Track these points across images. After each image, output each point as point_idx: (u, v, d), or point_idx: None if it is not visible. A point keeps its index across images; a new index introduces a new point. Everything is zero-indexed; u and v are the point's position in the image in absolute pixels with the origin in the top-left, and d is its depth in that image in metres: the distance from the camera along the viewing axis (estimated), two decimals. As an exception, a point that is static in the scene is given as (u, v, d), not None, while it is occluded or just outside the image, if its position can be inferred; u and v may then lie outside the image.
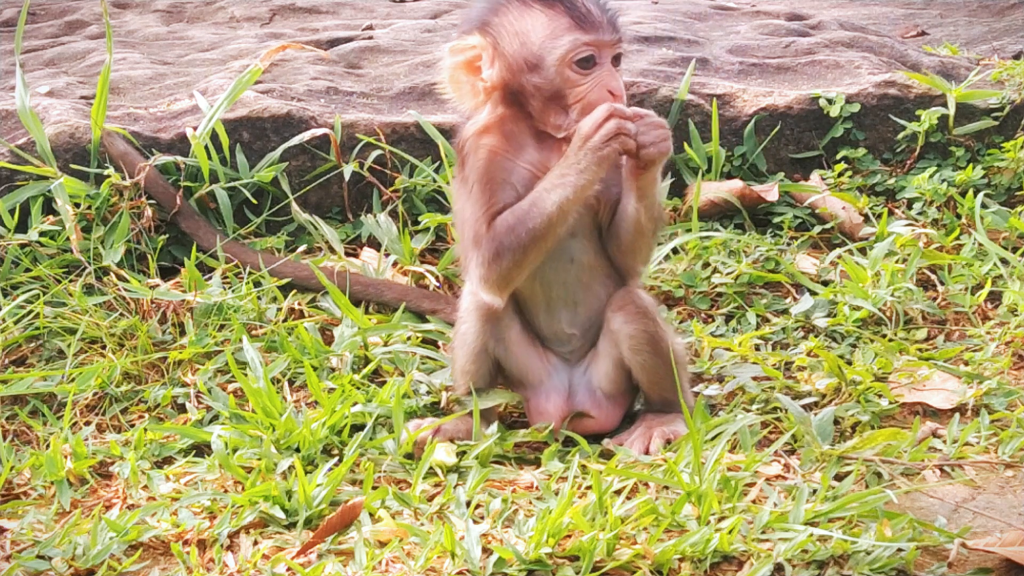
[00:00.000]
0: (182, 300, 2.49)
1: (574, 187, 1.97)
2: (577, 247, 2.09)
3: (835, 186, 2.92)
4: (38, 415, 2.28)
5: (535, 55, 2.00)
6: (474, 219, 2.04)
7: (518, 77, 2.02)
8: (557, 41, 1.99)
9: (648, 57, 3.36)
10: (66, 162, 2.75)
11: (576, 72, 2.00)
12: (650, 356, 2.08)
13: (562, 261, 2.09)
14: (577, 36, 1.98)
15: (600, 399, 2.14)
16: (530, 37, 2.01)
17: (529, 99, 2.03)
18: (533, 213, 1.99)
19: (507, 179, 2.03)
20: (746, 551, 1.72)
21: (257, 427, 2.12)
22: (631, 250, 2.11)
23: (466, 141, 2.07)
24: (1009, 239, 2.75)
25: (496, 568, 1.70)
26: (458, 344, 2.14)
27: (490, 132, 2.05)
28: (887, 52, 3.49)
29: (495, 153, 2.04)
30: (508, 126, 2.05)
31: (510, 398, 2.15)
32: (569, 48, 1.99)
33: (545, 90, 2.01)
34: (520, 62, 2.01)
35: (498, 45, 2.02)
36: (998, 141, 3.00)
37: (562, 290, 2.11)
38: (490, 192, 2.02)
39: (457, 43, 2.06)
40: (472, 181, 2.04)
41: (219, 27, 4.13)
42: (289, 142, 2.85)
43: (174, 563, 1.81)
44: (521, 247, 1.99)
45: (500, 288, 2.04)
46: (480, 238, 2.02)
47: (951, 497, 1.89)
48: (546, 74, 2.00)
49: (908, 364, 2.30)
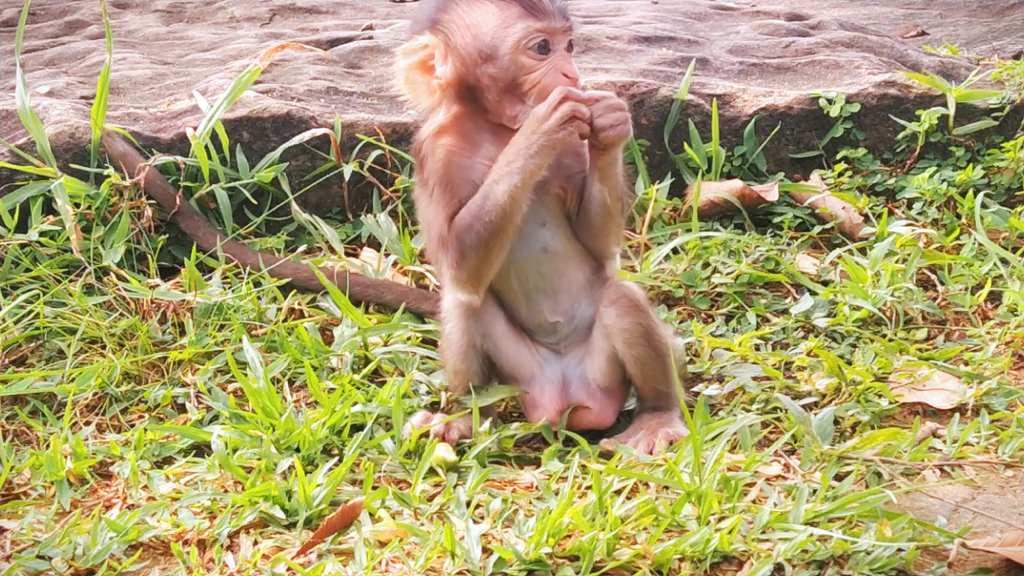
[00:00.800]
0: (182, 300, 2.49)
1: (522, 172, 1.97)
2: (548, 236, 2.10)
3: (835, 186, 2.92)
4: (38, 415, 2.28)
5: (488, 45, 2.01)
6: (438, 222, 2.05)
7: (472, 70, 2.02)
8: (509, 29, 2.00)
9: (648, 57, 3.36)
10: (66, 162, 2.75)
11: (530, 58, 2.01)
12: (645, 350, 2.09)
13: (534, 251, 2.09)
14: (529, 23, 2.00)
15: (595, 391, 2.14)
16: (482, 28, 2.02)
17: (484, 92, 2.04)
18: (487, 207, 1.99)
19: (467, 177, 2.04)
20: (746, 551, 1.72)
21: (257, 427, 2.12)
22: (602, 233, 2.11)
23: (423, 143, 2.08)
24: (1009, 239, 2.75)
25: (496, 568, 1.70)
26: (446, 345, 2.15)
27: (447, 132, 2.06)
28: (887, 52, 3.49)
29: (453, 152, 2.05)
30: (464, 124, 2.06)
31: (509, 392, 2.15)
32: (522, 35, 2.00)
33: (500, 80, 2.02)
34: (474, 54, 2.02)
35: (450, 41, 2.03)
36: (998, 141, 3.00)
37: (539, 280, 2.12)
38: (450, 193, 2.03)
39: (408, 44, 2.07)
40: (432, 183, 2.06)
41: (219, 27, 4.13)
42: (289, 142, 2.85)
43: (174, 563, 1.81)
44: (483, 242, 2.00)
45: (473, 286, 2.06)
46: (445, 240, 2.04)
47: (951, 497, 1.89)
48: (500, 63, 2.01)
49: (908, 364, 2.30)
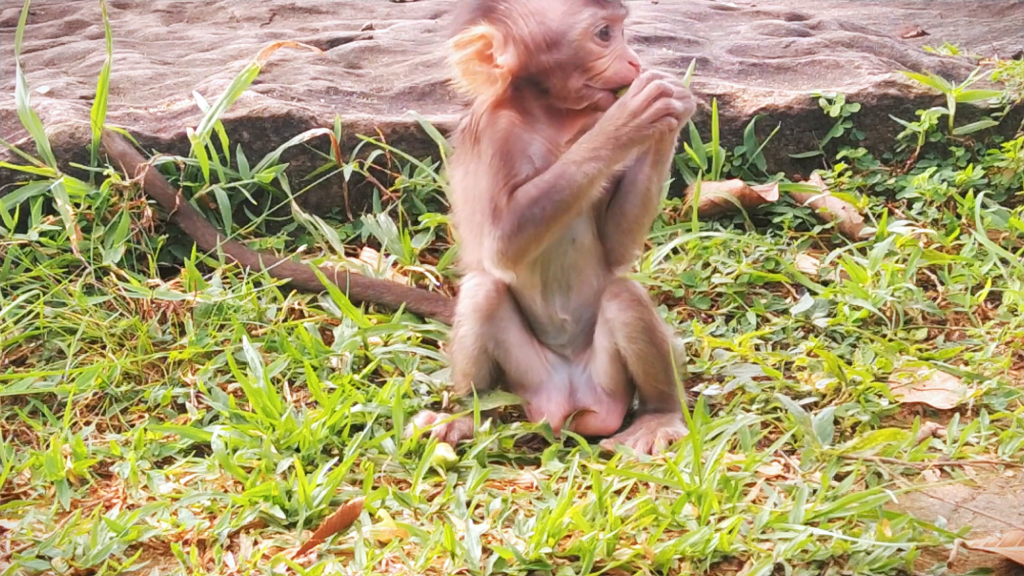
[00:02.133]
0: (182, 300, 2.49)
1: (608, 161, 1.98)
2: (579, 227, 2.10)
3: (835, 186, 2.92)
4: (38, 415, 2.28)
5: (555, 31, 2.03)
6: (492, 192, 2.03)
7: (536, 56, 2.03)
8: (577, 16, 2.03)
9: (648, 57, 3.35)
10: (66, 162, 2.74)
11: (596, 44, 2.03)
12: (646, 345, 2.08)
13: (563, 242, 2.10)
14: (595, 10, 2.03)
15: (601, 395, 2.14)
16: (548, 15, 2.03)
17: (548, 77, 2.04)
18: (560, 185, 1.99)
19: (524, 151, 2.04)
20: (746, 551, 1.72)
21: (257, 427, 2.12)
22: (634, 227, 2.11)
23: (480, 116, 2.07)
24: (1009, 239, 2.75)
25: (496, 568, 1.70)
26: (457, 348, 2.15)
27: (504, 106, 2.06)
28: (887, 52, 3.49)
29: (513, 124, 2.05)
30: (520, 102, 2.07)
31: (511, 400, 2.15)
32: (590, 22, 2.02)
33: (567, 65, 2.03)
34: (539, 41, 2.03)
35: (511, 29, 2.03)
36: (998, 141, 3.00)
37: (559, 271, 2.12)
38: (509, 165, 2.03)
39: (462, 36, 2.05)
40: (489, 154, 2.04)
41: (219, 27, 4.13)
42: (289, 142, 2.84)
43: (174, 563, 1.81)
44: (544, 220, 2.00)
45: (515, 262, 2.05)
46: (500, 211, 2.02)
47: (951, 497, 1.89)
48: (567, 50, 2.03)
49: (908, 364, 2.30)
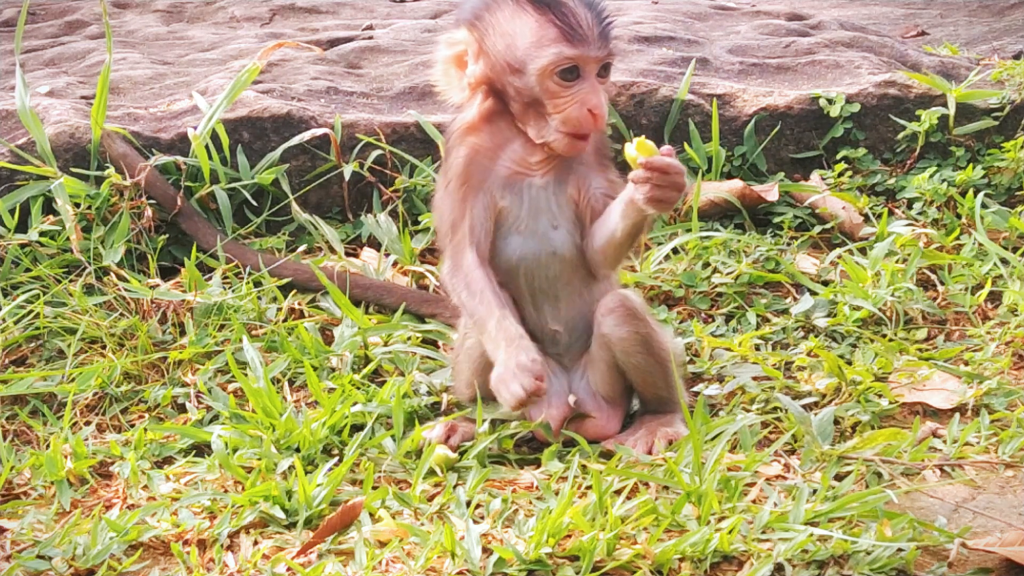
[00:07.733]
0: (182, 300, 2.49)
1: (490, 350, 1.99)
2: (559, 240, 2.08)
3: (835, 186, 2.92)
4: (38, 415, 2.28)
5: (518, 60, 1.97)
6: (447, 217, 2.06)
7: (501, 77, 2.00)
8: (541, 51, 1.95)
9: (648, 57, 3.36)
10: (66, 162, 2.75)
11: (557, 84, 1.97)
12: (643, 358, 2.07)
13: (544, 254, 2.08)
14: (562, 49, 1.94)
15: (600, 402, 2.13)
16: (516, 40, 1.97)
17: (510, 100, 2.02)
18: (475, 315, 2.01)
19: (483, 181, 2.04)
20: (746, 551, 1.71)
21: (257, 427, 2.11)
22: (603, 253, 2.09)
23: (452, 135, 2.08)
24: (1009, 239, 2.74)
25: (496, 568, 1.70)
26: (463, 357, 2.14)
27: (475, 130, 2.06)
28: (887, 52, 3.49)
29: (476, 152, 2.05)
30: (495, 121, 2.05)
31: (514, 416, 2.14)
32: (551, 61, 1.95)
33: (525, 95, 1.99)
34: (503, 63, 1.99)
35: (483, 42, 2.00)
36: (998, 141, 3.00)
37: (544, 283, 2.10)
38: (464, 191, 2.04)
39: (448, 36, 2.05)
40: (450, 177, 2.06)
41: (219, 27, 4.13)
42: (289, 142, 2.85)
43: (174, 563, 1.81)
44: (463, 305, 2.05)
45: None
46: (445, 246, 2.07)
47: (951, 497, 1.89)
48: (527, 80, 1.98)
49: (908, 364, 2.30)
